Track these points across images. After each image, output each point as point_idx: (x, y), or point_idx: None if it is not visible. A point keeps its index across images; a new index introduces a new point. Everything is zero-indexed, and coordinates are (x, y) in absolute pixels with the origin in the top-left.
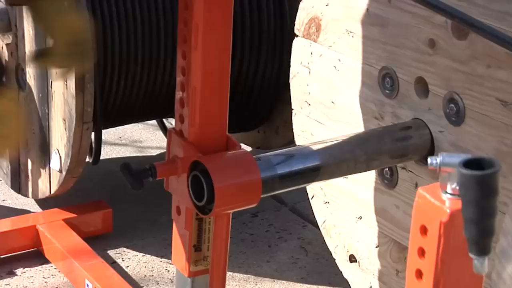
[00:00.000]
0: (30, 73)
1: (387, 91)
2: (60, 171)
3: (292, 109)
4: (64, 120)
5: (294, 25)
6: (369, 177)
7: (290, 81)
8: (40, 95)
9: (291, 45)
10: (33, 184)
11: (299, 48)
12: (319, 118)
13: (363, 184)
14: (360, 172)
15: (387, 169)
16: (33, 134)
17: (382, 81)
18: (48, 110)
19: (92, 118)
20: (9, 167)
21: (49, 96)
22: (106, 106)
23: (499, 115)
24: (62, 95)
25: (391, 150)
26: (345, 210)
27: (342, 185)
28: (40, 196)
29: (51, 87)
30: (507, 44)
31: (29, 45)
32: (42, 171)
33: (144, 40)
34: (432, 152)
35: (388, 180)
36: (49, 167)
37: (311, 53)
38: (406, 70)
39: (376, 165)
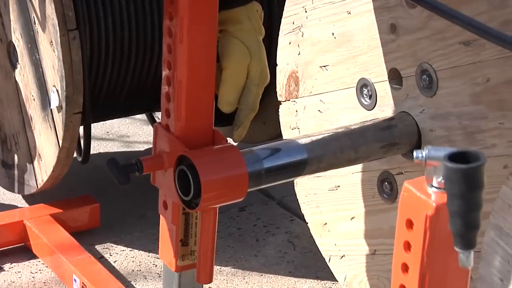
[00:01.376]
0: (19, 38)
1: (366, 104)
2: (60, 106)
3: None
4: (51, 42)
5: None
6: (371, 203)
7: None
8: (29, 45)
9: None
10: (46, 159)
11: (285, 113)
12: (318, 174)
13: (367, 214)
14: (350, 164)
15: (386, 183)
16: (33, 101)
17: (360, 97)
18: (38, 53)
19: (76, 26)
20: (17, 170)
21: (35, 35)
22: (93, 98)
23: (465, 58)
24: (44, 17)
25: (377, 138)
26: (360, 252)
27: (350, 227)
28: (53, 160)
29: (35, 24)
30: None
31: (14, 5)
32: (48, 130)
33: (131, 33)
34: (420, 137)
35: (388, 194)
36: (53, 121)
37: (296, 111)
38: (378, 70)
39: (364, 152)
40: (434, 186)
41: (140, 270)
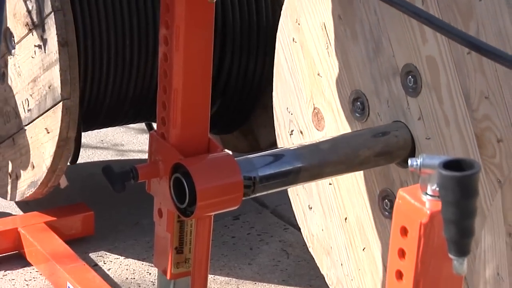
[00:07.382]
0: None
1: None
2: None
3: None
4: None
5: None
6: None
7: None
8: None
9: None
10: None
11: None
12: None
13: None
14: (346, 172)
15: (386, 200)
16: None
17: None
18: None
19: None
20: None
21: None
22: (91, 108)
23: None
24: None
25: (371, 142)
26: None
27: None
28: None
29: None
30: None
31: None
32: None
33: (133, 42)
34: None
35: (389, 212)
36: None
37: None
38: None
39: (360, 159)
40: (428, 194)
41: (134, 278)
